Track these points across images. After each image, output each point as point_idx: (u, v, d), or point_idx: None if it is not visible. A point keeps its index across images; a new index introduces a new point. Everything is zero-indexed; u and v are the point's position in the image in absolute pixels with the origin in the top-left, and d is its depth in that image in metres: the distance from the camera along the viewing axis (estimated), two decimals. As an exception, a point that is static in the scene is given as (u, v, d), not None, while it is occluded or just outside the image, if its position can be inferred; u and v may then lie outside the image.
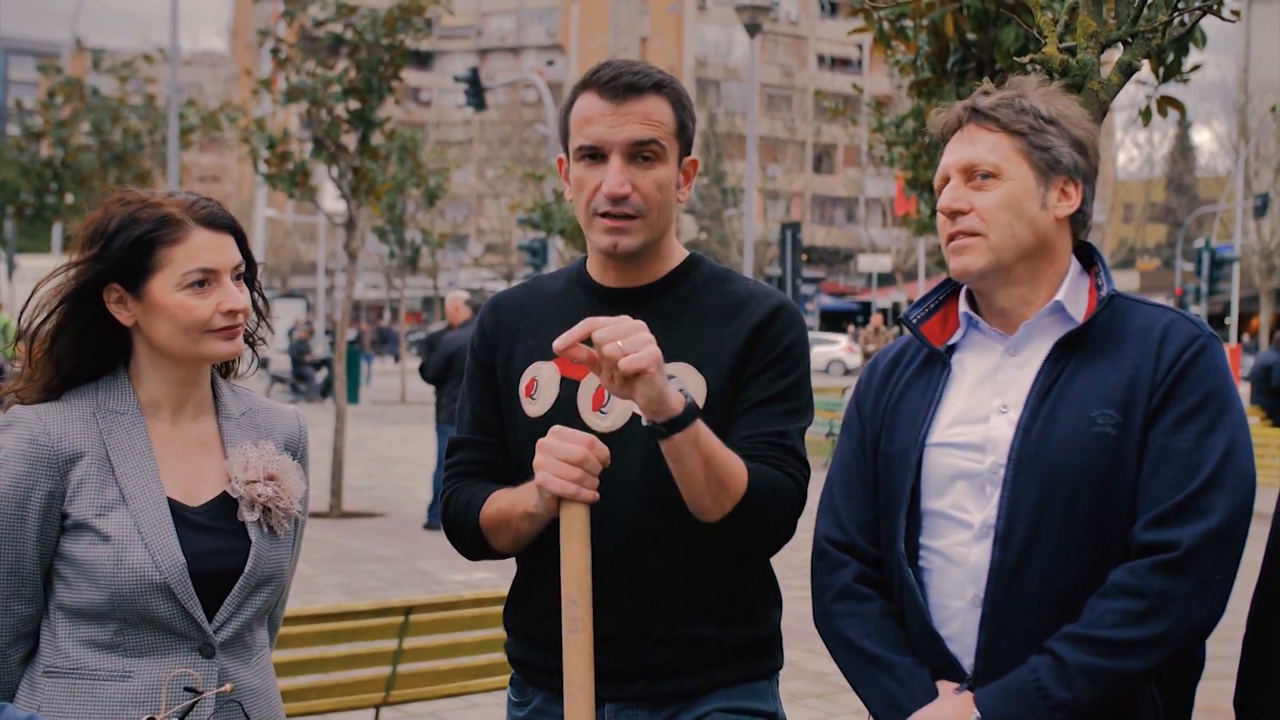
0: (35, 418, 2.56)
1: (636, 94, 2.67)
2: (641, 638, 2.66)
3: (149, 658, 2.54)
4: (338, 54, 14.09)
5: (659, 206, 2.70)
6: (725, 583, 2.70)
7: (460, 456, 2.84)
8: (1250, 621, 2.61)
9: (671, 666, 2.67)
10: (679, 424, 2.47)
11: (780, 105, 74.93)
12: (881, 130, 12.18)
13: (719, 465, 2.53)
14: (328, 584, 10.47)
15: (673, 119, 2.70)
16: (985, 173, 2.54)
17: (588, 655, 2.45)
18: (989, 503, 2.50)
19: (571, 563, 2.47)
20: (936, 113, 2.68)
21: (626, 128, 2.66)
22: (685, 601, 2.67)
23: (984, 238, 2.53)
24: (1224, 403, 2.45)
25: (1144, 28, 3.60)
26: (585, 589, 2.46)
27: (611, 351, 2.39)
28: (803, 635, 2.79)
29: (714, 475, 2.53)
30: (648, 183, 2.67)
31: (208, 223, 2.62)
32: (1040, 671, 2.39)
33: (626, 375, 2.40)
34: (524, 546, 2.72)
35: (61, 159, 23.45)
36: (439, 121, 76.61)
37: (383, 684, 5.50)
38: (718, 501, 2.56)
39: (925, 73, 8.50)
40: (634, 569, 2.65)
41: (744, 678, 2.72)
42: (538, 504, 2.56)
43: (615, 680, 2.64)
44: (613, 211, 2.67)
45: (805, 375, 2.74)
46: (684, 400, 2.48)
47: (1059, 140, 2.55)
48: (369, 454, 19.89)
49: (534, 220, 25.71)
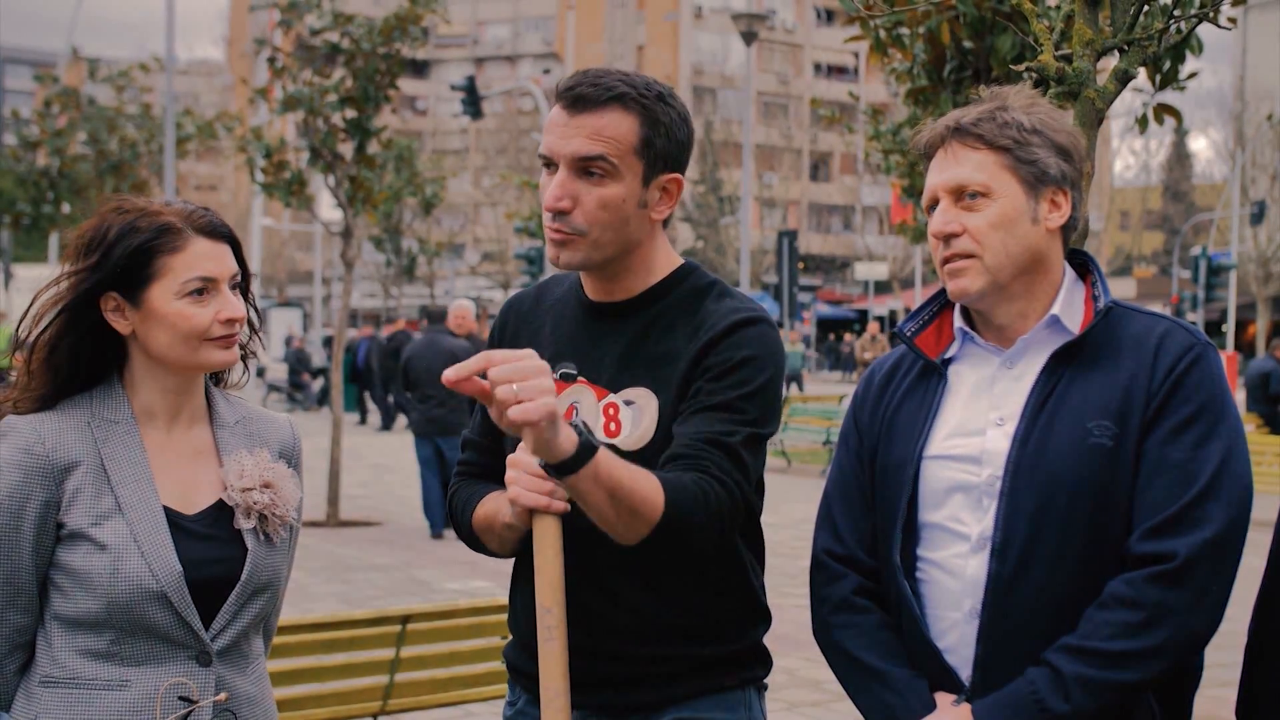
0: (30, 427, 2.56)
1: (589, 107, 2.58)
2: (601, 653, 2.64)
3: (145, 667, 2.54)
4: (334, 63, 14.09)
5: (605, 225, 2.60)
6: (687, 603, 2.66)
7: (469, 456, 2.87)
8: (1252, 631, 2.60)
9: (631, 679, 2.66)
10: (568, 468, 2.38)
11: (776, 113, 75.00)
12: (878, 138, 12.20)
13: (627, 496, 2.44)
14: (324, 593, 10.46)
15: (634, 134, 2.58)
16: (975, 192, 2.51)
17: (562, 663, 2.45)
18: (986, 515, 2.49)
19: (545, 572, 2.47)
20: (916, 131, 2.66)
21: (573, 141, 2.57)
22: (644, 621, 2.64)
23: (979, 259, 2.51)
24: (1220, 412, 2.44)
25: (1140, 35, 3.60)
26: (559, 598, 2.45)
27: (503, 395, 2.29)
28: (799, 644, 2.79)
29: (623, 506, 2.45)
30: (590, 200, 2.58)
31: (206, 232, 2.62)
32: (1038, 683, 2.38)
33: (514, 423, 2.33)
34: (512, 551, 2.71)
35: (58, 168, 23.48)
36: (435, 130, 76.66)
37: (380, 693, 5.49)
38: (632, 529, 2.49)
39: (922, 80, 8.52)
40: (592, 586, 2.63)
41: (711, 689, 2.69)
42: (511, 515, 2.54)
43: (583, 688, 2.62)
44: (554, 225, 2.61)
45: (761, 391, 2.61)
46: (576, 441, 2.39)
47: (1044, 151, 2.52)
48: (365, 463, 19.88)
49: (530, 228, 25.75)
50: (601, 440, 2.60)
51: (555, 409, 2.31)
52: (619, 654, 2.65)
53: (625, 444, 2.62)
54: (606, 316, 2.72)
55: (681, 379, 2.61)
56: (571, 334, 2.73)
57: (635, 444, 2.62)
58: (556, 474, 2.39)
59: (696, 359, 2.61)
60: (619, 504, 2.43)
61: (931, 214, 2.58)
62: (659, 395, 2.62)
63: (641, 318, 2.69)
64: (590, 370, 2.68)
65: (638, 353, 2.66)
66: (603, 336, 2.70)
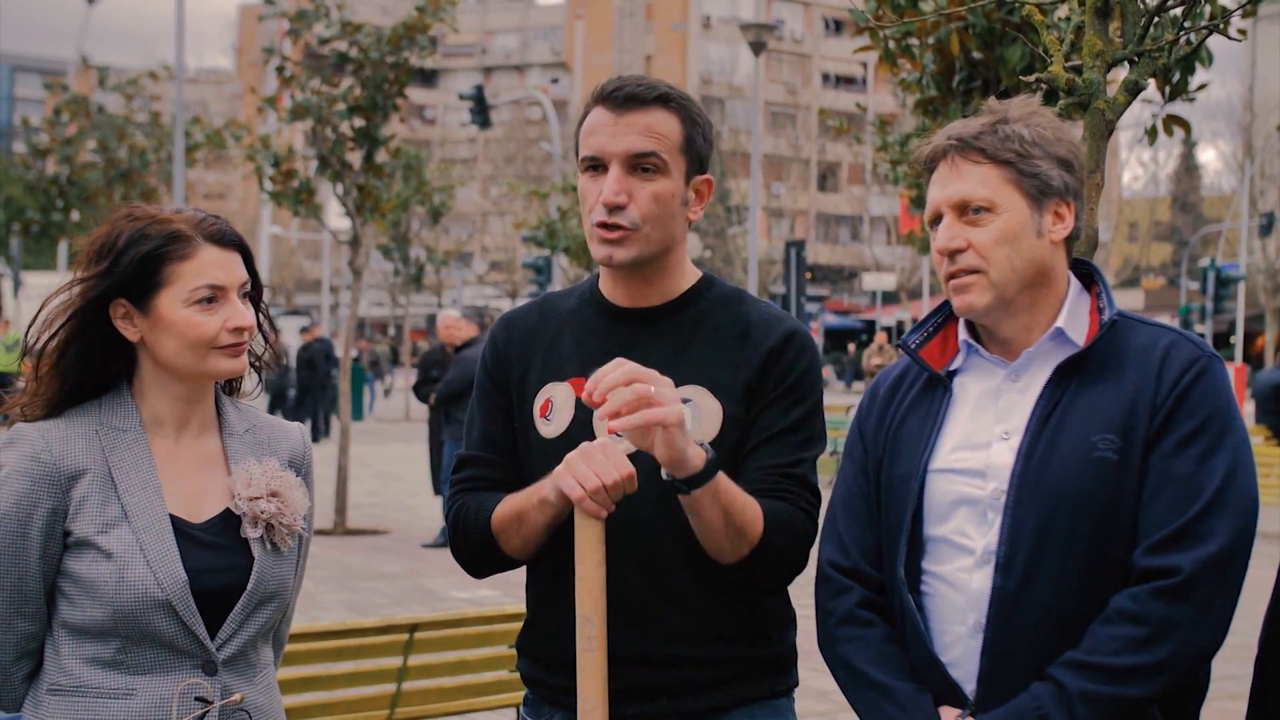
0: (38, 435, 2.56)
1: (639, 105, 2.64)
2: (663, 659, 2.65)
3: (151, 675, 2.54)
4: (343, 72, 14.12)
5: (656, 220, 2.65)
6: (743, 604, 2.69)
7: (469, 473, 2.81)
8: (1262, 643, 2.59)
9: (694, 684, 2.66)
10: (698, 481, 2.47)
11: (785, 123, 75.04)
12: (886, 148, 12.21)
13: (737, 514, 2.53)
14: (332, 601, 10.46)
15: (679, 133, 2.67)
16: (979, 207, 2.50)
17: (601, 673, 2.45)
18: (990, 529, 2.48)
19: (586, 580, 2.46)
20: (919, 144, 2.66)
21: (626, 138, 2.63)
22: (704, 624, 2.66)
23: (985, 274, 2.50)
24: (1226, 425, 2.42)
25: (1150, 46, 3.59)
26: (600, 607, 2.45)
27: (641, 393, 2.38)
28: (808, 654, 2.78)
29: (732, 524, 2.53)
30: (645, 195, 2.63)
31: (216, 240, 2.62)
32: (1042, 699, 2.37)
33: (649, 424, 2.40)
34: (533, 549, 2.69)
35: (67, 176, 23.51)
36: (444, 139, 76.78)
37: (387, 702, 5.48)
38: (735, 548, 2.57)
39: (930, 91, 8.51)
40: (654, 591, 2.64)
41: (765, 694, 2.72)
42: (550, 491, 2.54)
43: (638, 698, 2.63)
44: (608, 222, 2.64)
45: (818, 403, 2.72)
46: (705, 456, 2.47)
47: (1045, 163, 2.51)
48: (372, 471, 19.89)
49: (538, 238, 25.77)
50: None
51: (683, 416, 2.41)
52: (677, 659, 2.65)
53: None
54: (640, 322, 2.73)
55: (746, 387, 2.66)
56: (603, 341, 2.73)
57: (699, 440, 2.62)
58: (686, 488, 2.47)
59: (762, 368, 2.67)
60: (730, 522, 2.53)
61: (935, 229, 2.57)
62: (718, 396, 2.66)
63: (682, 321, 2.72)
64: None
65: (685, 354, 2.68)
66: (640, 341, 2.70)
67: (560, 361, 2.75)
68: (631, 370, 2.41)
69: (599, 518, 2.46)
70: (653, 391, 2.39)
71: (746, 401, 2.66)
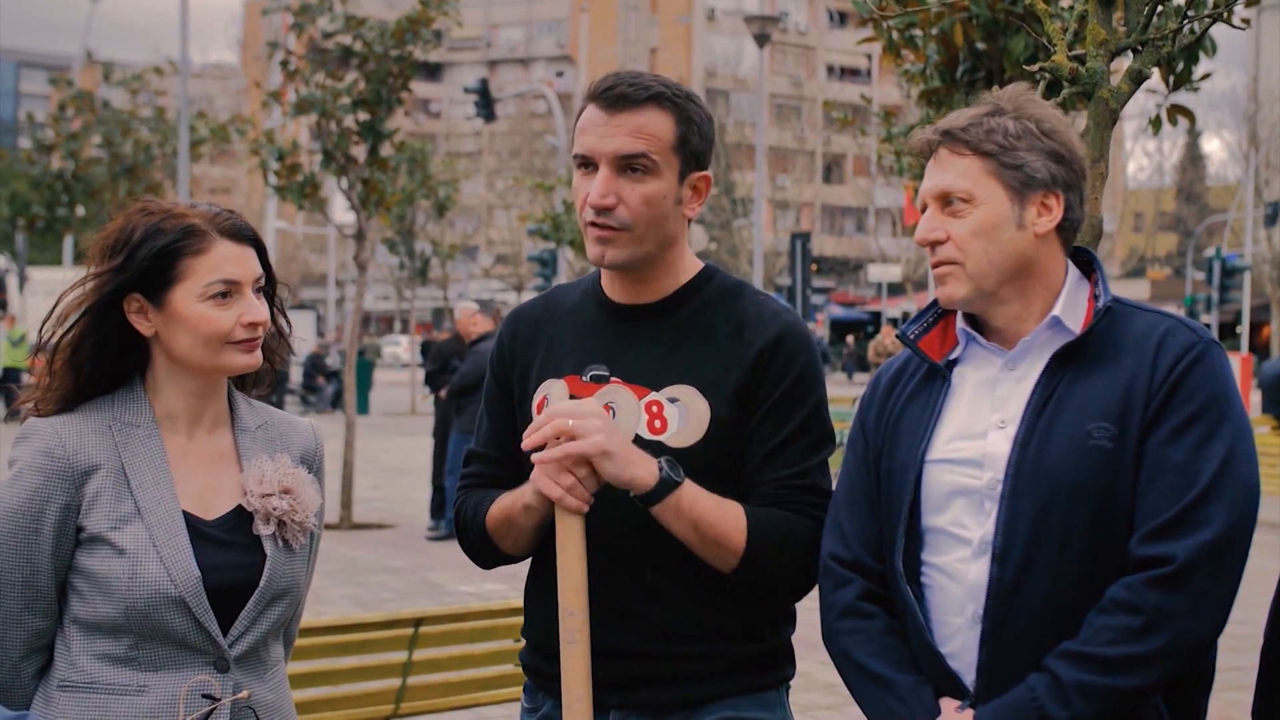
0: (51, 430, 2.57)
1: (630, 105, 2.63)
2: (645, 654, 2.66)
3: (163, 672, 2.54)
4: (347, 66, 14.10)
5: (648, 221, 2.65)
6: (730, 603, 2.69)
7: (474, 469, 2.86)
8: (1268, 633, 2.58)
9: (676, 676, 2.68)
10: (651, 500, 2.53)
11: (789, 115, 74.90)
12: (891, 140, 12.17)
13: (709, 527, 2.56)
14: (337, 595, 10.47)
15: (671, 132, 2.65)
16: (958, 199, 2.51)
17: (585, 665, 2.47)
18: (987, 519, 2.48)
19: (568, 574, 2.49)
20: (916, 133, 2.66)
21: (615, 139, 2.62)
22: (689, 621, 2.67)
23: (961, 266, 2.51)
24: (1223, 410, 2.40)
25: (1154, 35, 3.60)
26: (582, 600, 2.48)
27: (559, 427, 2.47)
28: (814, 647, 2.79)
29: (706, 536, 2.57)
30: (635, 196, 2.63)
31: (231, 234, 2.62)
32: (1038, 690, 2.37)
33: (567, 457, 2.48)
34: (528, 548, 2.73)
35: (72, 171, 23.52)
36: (448, 133, 76.71)
37: (392, 696, 5.49)
38: (720, 559, 2.60)
39: (934, 82, 8.49)
40: (638, 587, 2.66)
41: (750, 688, 2.72)
42: (532, 496, 2.59)
43: (620, 688, 2.65)
44: (598, 222, 2.65)
45: (818, 404, 2.71)
46: (657, 474, 2.52)
47: (1031, 155, 2.50)
48: (378, 465, 19.89)
49: (544, 231, 25.72)
50: (646, 438, 2.62)
51: (606, 445, 2.45)
52: (659, 654, 2.66)
53: (673, 441, 2.65)
54: (636, 318, 2.74)
55: (738, 387, 2.66)
56: (599, 337, 2.75)
57: (684, 441, 2.64)
58: (642, 504, 2.52)
59: (754, 370, 2.66)
60: (703, 535, 2.56)
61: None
62: (707, 396, 2.65)
63: (676, 318, 2.72)
64: (625, 371, 2.70)
65: (677, 352, 2.69)
66: (636, 338, 2.72)
67: (559, 358, 2.76)
68: (560, 409, 2.50)
69: (578, 514, 2.50)
70: (570, 425, 2.46)
71: (739, 403, 2.66)
